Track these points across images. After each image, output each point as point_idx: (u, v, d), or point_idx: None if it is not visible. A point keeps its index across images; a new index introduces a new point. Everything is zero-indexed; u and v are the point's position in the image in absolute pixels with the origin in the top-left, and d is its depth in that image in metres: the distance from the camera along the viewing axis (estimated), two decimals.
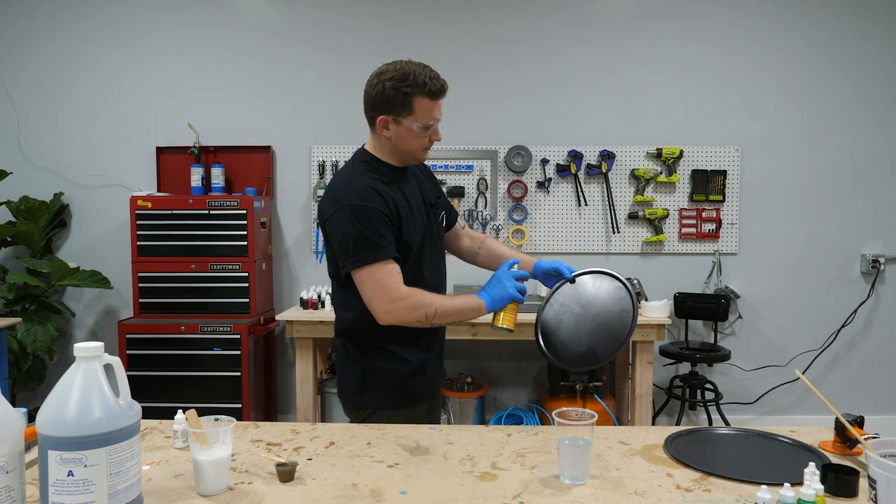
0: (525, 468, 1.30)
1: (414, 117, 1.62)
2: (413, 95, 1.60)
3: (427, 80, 1.59)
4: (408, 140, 1.65)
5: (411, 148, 1.67)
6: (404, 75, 1.60)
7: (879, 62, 3.87)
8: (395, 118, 1.63)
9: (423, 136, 1.65)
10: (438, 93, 1.62)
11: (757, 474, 1.25)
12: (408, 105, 1.61)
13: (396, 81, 1.60)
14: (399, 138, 1.66)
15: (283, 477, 1.24)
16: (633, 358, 3.46)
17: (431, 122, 1.64)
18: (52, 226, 3.95)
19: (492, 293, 1.65)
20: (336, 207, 1.61)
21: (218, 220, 3.58)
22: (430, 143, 1.69)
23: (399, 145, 1.67)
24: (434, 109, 1.63)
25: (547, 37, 3.92)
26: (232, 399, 3.49)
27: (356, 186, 1.63)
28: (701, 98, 3.91)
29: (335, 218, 1.61)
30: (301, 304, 3.56)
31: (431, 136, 1.67)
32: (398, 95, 1.60)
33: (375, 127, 1.68)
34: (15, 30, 3.98)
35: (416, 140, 1.65)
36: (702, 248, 3.94)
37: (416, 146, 1.67)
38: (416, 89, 1.59)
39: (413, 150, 1.68)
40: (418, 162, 1.76)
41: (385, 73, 1.63)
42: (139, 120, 4.00)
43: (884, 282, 3.93)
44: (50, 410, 1.01)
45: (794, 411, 3.99)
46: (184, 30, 3.96)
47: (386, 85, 1.61)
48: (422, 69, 1.62)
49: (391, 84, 1.61)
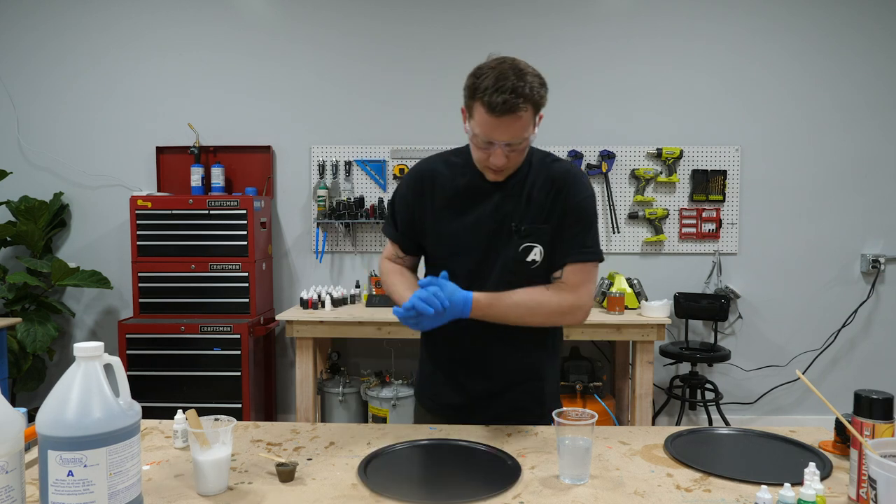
0: (525, 468, 1.30)
1: (472, 122, 1.43)
2: (474, 97, 1.39)
3: (489, 87, 1.35)
4: (473, 148, 1.48)
5: (475, 156, 1.49)
6: (481, 70, 1.39)
7: (880, 62, 3.87)
8: (467, 114, 1.46)
9: (481, 149, 1.44)
10: (494, 107, 1.35)
11: (757, 474, 1.25)
12: (470, 106, 1.42)
13: (473, 74, 1.41)
14: (469, 139, 1.48)
15: (283, 477, 1.24)
16: (633, 358, 3.46)
17: (487, 139, 1.41)
18: (52, 226, 3.95)
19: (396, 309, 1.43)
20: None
21: (218, 220, 3.58)
22: (494, 165, 1.44)
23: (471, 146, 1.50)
24: (491, 126, 1.38)
25: (547, 37, 3.91)
26: (232, 399, 3.49)
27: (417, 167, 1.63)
28: (701, 98, 3.91)
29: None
30: (301, 304, 3.56)
31: (489, 153, 1.43)
32: (468, 93, 1.42)
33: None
34: (15, 29, 3.98)
35: (475, 150, 1.46)
36: (702, 248, 3.94)
37: (477, 157, 1.48)
38: (476, 92, 1.38)
39: (476, 160, 1.49)
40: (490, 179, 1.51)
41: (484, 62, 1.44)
42: (139, 120, 4.00)
43: (884, 282, 3.93)
44: (50, 410, 1.01)
45: (794, 411, 3.99)
46: (184, 30, 3.96)
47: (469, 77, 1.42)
48: (500, 73, 1.37)
49: (470, 75, 1.42)
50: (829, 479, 1.26)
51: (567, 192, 1.53)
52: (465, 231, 1.55)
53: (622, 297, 3.43)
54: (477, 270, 1.55)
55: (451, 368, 1.66)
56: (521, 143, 1.43)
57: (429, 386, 1.73)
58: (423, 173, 1.60)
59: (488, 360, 1.62)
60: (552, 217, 1.53)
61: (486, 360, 1.62)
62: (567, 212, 1.53)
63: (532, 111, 1.41)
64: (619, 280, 3.55)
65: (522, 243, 1.53)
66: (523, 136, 1.42)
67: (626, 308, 3.48)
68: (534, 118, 1.43)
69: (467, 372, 1.64)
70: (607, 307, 3.43)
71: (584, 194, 1.54)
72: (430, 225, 1.59)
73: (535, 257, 1.53)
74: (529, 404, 1.64)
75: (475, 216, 1.54)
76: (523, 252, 1.53)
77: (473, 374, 1.64)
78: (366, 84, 3.96)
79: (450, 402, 1.67)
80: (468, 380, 1.64)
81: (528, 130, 1.42)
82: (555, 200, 1.53)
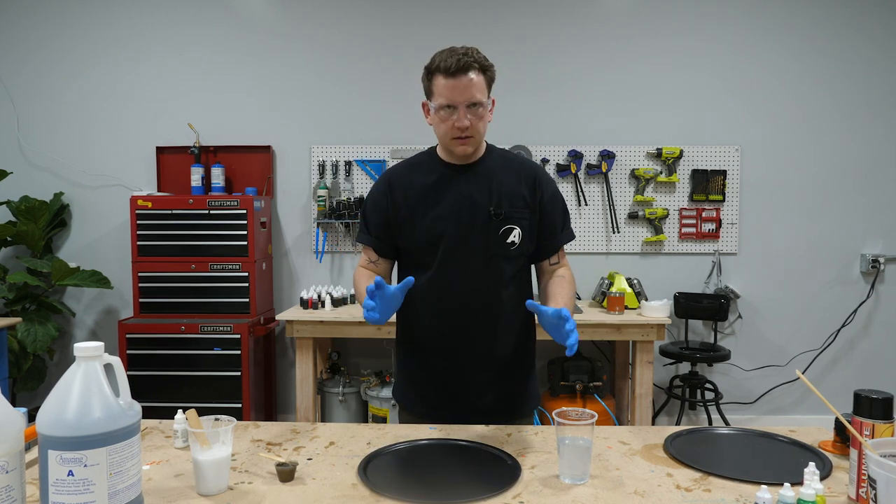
0: (525, 468, 1.30)
1: (433, 99, 1.58)
2: (433, 75, 1.57)
3: (443, 58, 1.55)
4: (438, 126, 1.60)
5: (440, 134, 1.62)
6: (432, 58, 1.59)
7: (879, 62, 3.87)
8: (428, 102, 1.62)
9: (445, 120, 1.57)
10: (452, 70, 1.52)
11: (757, 474, 1.25)
12: (430, 88, 1.59)
13: (426, 65, 1.60)
14: (434, 126, 1.62)
15: (283, 477, 1.24)
16: (633, 358, 3.46)
17: (448, 104, 1.55)
18: (53, 226, 3.95)
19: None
20: None
21: (218, 220, 3.58)
22: (460, 132, 1.57)
23: (437, 133, 1.64)
24: (451, 89, 1.53)
25: (547, 37, 3.92)
26: (232, 399, 3.49)
27: (385, 174, 1.73)
28: (701, 98, 3.91)
29: None
30: (301, 303, 3.56)
31: (455, 122, 1.56)
32: (424, 76, 1.61)
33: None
34: (15, 29, 3.98)
35: (441, 123, 1.58)
36: (702, 247, 3.94)
37: (443, 132, 1.60)
38: (434, 69, 1.56)
39: (442, 138, 1.62)
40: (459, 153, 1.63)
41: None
42: (139, 120, 4.00)
43: (884, 282, 3.93)
44: (50, 410, 1.01)
45: (794, 411, 3.99)
46: (184, 30, 3.96)
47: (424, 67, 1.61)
48: (451, 49, 1.57)
49: (424, 68, 1.61)
50: (829, 478, 1.26)
51: (542, 184, 1.70)
52: (443, 219, 1.63)
53: (622, 297, 3.43)
54: (460, 255, 1.64)
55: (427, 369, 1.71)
56: (478, 108, 1.57)
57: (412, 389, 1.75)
58: (392, 177, 1.71)
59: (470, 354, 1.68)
60: (534, 206, 1.67)
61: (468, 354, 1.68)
62: (546, 203, 1.69)
63: (483, 78, 1.57)
64: (619, 280, 3.55)
65: (502, 226, 1.64)
66: (480, 99, 1.56)
67: (626, 308, 3.48)
68: (487, 86, 1.59)
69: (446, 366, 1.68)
70: (607, 307, 3.43)
71: (553, 184, 1.74)
72: (407, 222, 1.66)
73: (515, 239, 1.65)
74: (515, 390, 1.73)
75: (449, 204, 1.64)
76: (503, 235, 1.64)
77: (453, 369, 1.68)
78: (366, 84, 3.96)
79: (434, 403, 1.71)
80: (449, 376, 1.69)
81: (484, 94, 1.57)
82: (532, 191, 1.68)
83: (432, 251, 1.64)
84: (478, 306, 1.65)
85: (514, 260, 1.67)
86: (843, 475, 1.26)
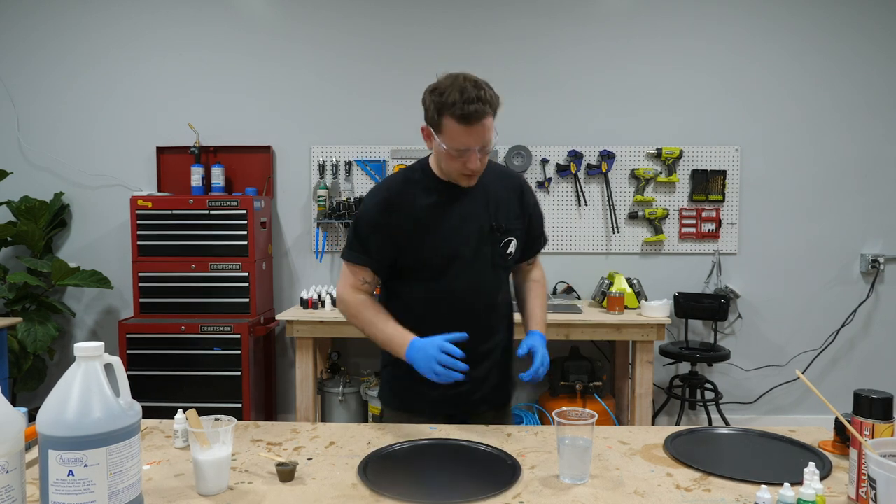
0: (525, 468, 1.30)
1: (443, 137, 1.53)
2: (442, 113, 1.50)
3: (457, 101, 1.46)
4: (446, 161, 1.58)
5: (447, 168, 1.60)
6: (441, 89, 1.50)
7: (879, 62, 3.87)
8: (434, 132, 1.56)
9: (455, 160, 1.55)
10: (466, 118, 1.47)
11: (757, 474, 1.25)
12: (438, 122, 1.52)
13: (434, 94, 1.52)
14: (437, 154, 1.60)
15: (283, 477, 1.24)
16: (633, 358, 3.46)
17: (462, 148, 1.52)
18: (53, 226, 3.96)
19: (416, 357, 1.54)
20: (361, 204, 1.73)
21: (218, 220, 3.58)
22: (470, 171, 1.56)
23: (439, 161, 1.62)
24: (465, 135, 1.50)
25: (547, 37, 3.92)
26: (232, 399, 3.49)
27: (379, 191, 1.69)
28: (701, 98, 3.91)
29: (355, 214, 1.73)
30: (301, 303, 3.56)
31: (466, 163, 1.55)
32: (431, 109, 1.53)
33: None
34: (15, 29, 3.98)
35: (449, 161, 1.56)
36: (702, 247, 3.94)
37: (451, 167, 1.58)
38: (444, 108, 1.49)
39: (449, 171, 1.61)
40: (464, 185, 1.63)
41: (436, 83, 1.54)
42: (139, 120, 4.00)
43: (883, 282, 3.94)
44: (50, 410, 1.01)
45: (793, 411, 3.99)
46: (184, 30, 3.96)
47: (427, 95, 1.54)
48: (461, 87, 1.48)
49: (430, 95, 1.53)
50: (829, 478, 1.26)
51: (527, 194, 1.80)
52: (451, 238, 1.66)
53: (622, 296, 3.43)
54: (468, 270, 1.68)
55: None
56: (488, 146, 1.56)
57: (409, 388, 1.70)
58: (390, 197, 1.66)
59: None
60: (523, 216, 1.77)
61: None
62: (531, 211, 1.81)
63: (492, 116, 1.55)
64: (619, 280, 3.55)
65: (502, 239, 1.72)
66: (491, 139, 1.56)
67: (626, 308, 3.48)
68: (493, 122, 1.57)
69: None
70: (607, 307, 3.43)
71: (533, 192, 1.84)
72: (414, 241, 1.64)
73: (512, 250, 1.74)
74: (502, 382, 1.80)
75: (455, 223, 1.66)
76: (503, 247, 1.72)
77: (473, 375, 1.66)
78: (366, 84, 3.96)
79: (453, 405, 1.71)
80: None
81: (493, 131, 1.56)
82: (521, 201, 1.77)
83: (440, 268, 1.66)
84: (480, 311, 1.72)
85: (509, 267, 1.79)
86: (843, 475, 1.26)
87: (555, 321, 3.30)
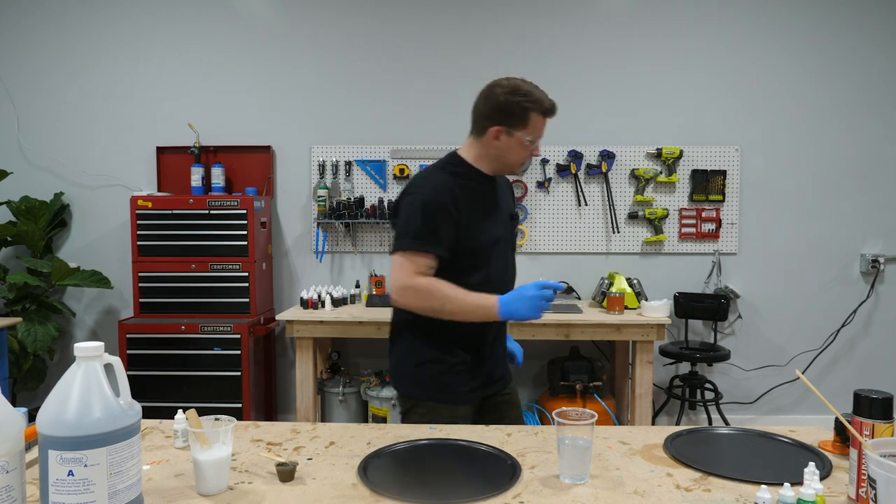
0: (525, 468, 1.30)
1: (527, 131, 1.76)
2: (530, 110, 1.74)
3: (544, 99, 1.76)
4: (515, 152, 1.79)
5: (515, 160, 1.81)
6: (525, 92, 1.74)
7: (879, 62, 3.87)
8: (509, 130, 1.75)
9: (528, 150, 1.79)
10: (551, 111, 1.77)
11: (757, 474, 1.25)
12: (524, 119, 1.74)
13: (518, 96, 1.73)
14: (508, 149, 1.78)
15: (283, 477, 1.24)
16: (633, 358, 3.46)
17: (538, 138, 1.80)
18: (53, 226, 3.96)
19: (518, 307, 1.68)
20: (409, 197, 1.76)
21: (218, 220, 3.58)
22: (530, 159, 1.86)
23: (505, 156, 1.80)
24: (543, 126, 1.79)
25: (547, 37, 3.92)
26: (232, 399, 3.49)
27: (435, 182, 1.76)
28: (701, 98, 3.91)
29: (405, 206, 1.76)
30: (301, 303, 3.56)
31: (533, 151, 1.81)
32: (517, 109, 1.74)
33: (485, 136, 1.78)
34: (15, 29, 3.98)
35: (522, 152, 1.79)
36: (702, 247, 3.94)
37: (520, 158, 1.81)
38: (534, 105, 1.74)
39: (515, 162, 1.83)
40: (513, 174, 1.91)
41: (505, 86, 1.75)
42: (139, 120, 4.00)
43: (883, 282, 3.94)
44: (50, 410, 1.01)
45: (793, 411, 3.99)
46: (184, 30, 3.96)
47: (508, 98, 1.74)
48: (534, 87, 1.76)
49: (513, 98, 1.74)
50: (829, 478, 1.26)
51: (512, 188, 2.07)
52: (495, 224, 1.84)
53: (622, 296, 3.43)
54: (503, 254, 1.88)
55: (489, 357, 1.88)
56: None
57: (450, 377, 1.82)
58: (452, 186, 1.77)
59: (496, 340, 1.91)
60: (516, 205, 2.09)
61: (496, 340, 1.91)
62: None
63: None
64: (619, 280, 3.55)
65: (516, 226, 2.00)
66: None
67: (626, 308, 3.48)
68: None
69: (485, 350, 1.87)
70: (607, 307, 3.43)
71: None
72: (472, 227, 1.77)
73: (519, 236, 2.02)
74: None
75: (495, 210, 1.85)
76: (516, 233, 2.02)
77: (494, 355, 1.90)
78: (366, 84, 3.96)
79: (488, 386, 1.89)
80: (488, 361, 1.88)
81: None
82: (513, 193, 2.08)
83: (486, 253, 1.81)
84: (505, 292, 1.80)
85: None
86: (843, 475, 1.26)
87: (555, 321, 3.30)
